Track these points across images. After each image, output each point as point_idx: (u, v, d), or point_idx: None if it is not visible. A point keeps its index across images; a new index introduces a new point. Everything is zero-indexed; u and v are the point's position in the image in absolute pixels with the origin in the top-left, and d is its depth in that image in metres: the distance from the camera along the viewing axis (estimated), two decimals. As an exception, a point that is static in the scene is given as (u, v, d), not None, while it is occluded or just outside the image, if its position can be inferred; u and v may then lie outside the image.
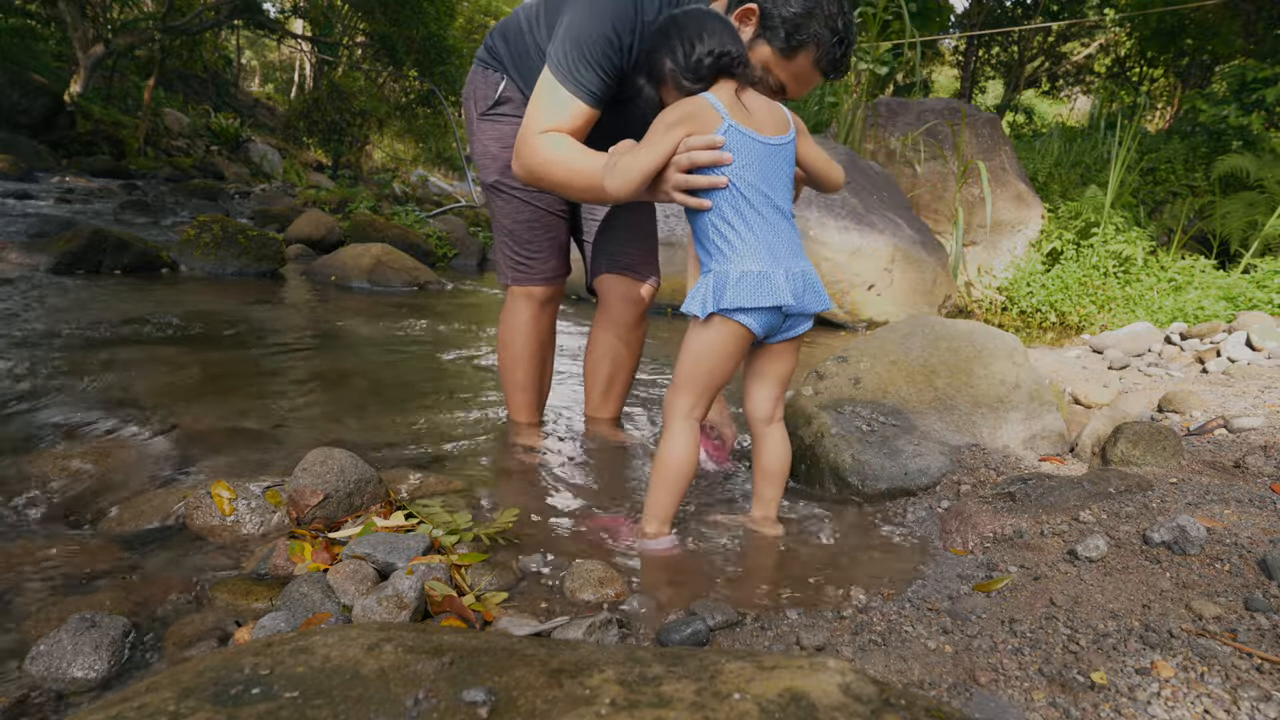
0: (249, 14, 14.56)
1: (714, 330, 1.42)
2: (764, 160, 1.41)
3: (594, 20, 1.61)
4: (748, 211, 1.40)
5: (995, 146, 6.65)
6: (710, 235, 1.42)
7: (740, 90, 1.44)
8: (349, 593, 1.23)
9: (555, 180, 1.61)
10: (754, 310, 1.39)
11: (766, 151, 1.42)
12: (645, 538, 1.51)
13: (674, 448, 1.48)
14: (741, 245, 1.39)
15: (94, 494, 1.64)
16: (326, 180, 15.29)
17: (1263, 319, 3.67)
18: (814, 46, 1.52)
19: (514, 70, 1.88)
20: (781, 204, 1.44)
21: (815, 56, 1.54)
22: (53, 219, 6.03)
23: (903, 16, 7.09)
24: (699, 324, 1.44)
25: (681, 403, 1.48)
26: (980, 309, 6.24)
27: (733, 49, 1.42)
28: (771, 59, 1.55)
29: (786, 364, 1.54)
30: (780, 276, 1.39)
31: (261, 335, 3.31)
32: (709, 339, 1.43)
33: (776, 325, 1.45)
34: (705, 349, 1.44)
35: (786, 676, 0.65)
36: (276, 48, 24.55)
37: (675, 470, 1.48)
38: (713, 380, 1.47)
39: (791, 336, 1.50)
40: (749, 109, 1.43)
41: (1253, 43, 10.18)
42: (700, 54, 1.40)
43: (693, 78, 1.41)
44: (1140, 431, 1.88)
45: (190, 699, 0.65)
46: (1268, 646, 1.04)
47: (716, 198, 1.40)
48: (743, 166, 1.39)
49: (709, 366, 1.45)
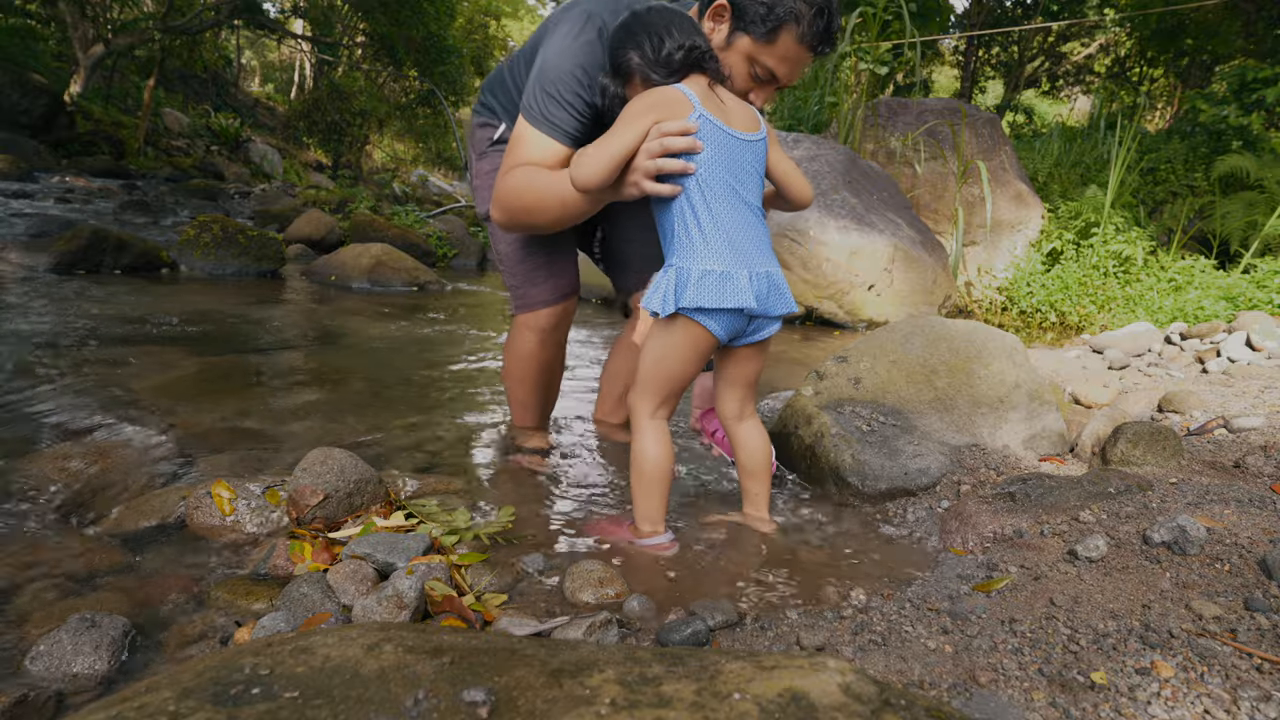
0: (249, 14, 14.55)
1: (676, 332, 1.39)
2: (735, 154, 1.40)
3: (561, 60, 1.61)
4: (716, 204, 1.36)
5: (995, 146, 6.65)
6: (675, 228, 1.38)
7: (712, 84, 1.43)
8: (349, 593, 1.23)
9: (526, 203, 1.59)
10: (715, 312, 1.36)
11: (738, 145, 1.40)
12: (642, 537, 1.51)
13: (645, 448, 1.46)
14: (706, 240, 1.35)
15: (94, 494, 1.64)
16: (326, 180, 15.30)
17: (1263, 319, 3.67)
18: (794, 23, 1.48)
19: (507, 118, 1.90)
20: (751, 200, 1.42)
21: (798, 33, 1.49)
22: (53, 219, 6.03)
23: (903, 16, 7.09)
24: (661, 323, 1.41)
25: (644, 405, 1.46)
26: (980, 309, 6.24)
27: (703, 43, 1.42)
28: (755, 48, 1.52)
29: (753, 367, 1.52)
30: (744, 277, 1.35)
31: (261, 335, 3.31)
32: (670, 340, 1.40)
33: (741, 328, 1.43)
34: (666, 350, 1.41)
35: (786, 676, 0.65)
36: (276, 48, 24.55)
37: (651, 471, 1.46)
38: (674, 383, 1.44)
39: (758, 340, 1.48)
40: (722, 101, 1.42)
41: (1253, 43, 10.18)
42: (671, 48, 1.38)
43: (665, 72, 1.39)
44: (1140, 431, 1.88)
45: (190, 699, 0.65)
46: (1268, 646, 1.04)
47: (685, 188, 1.36)
48: (713, 158, 1.36)
49: (669, 369, 1.42)
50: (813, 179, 5.17)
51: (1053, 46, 17.06)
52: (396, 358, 3.00)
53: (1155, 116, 15.93)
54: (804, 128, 7.33)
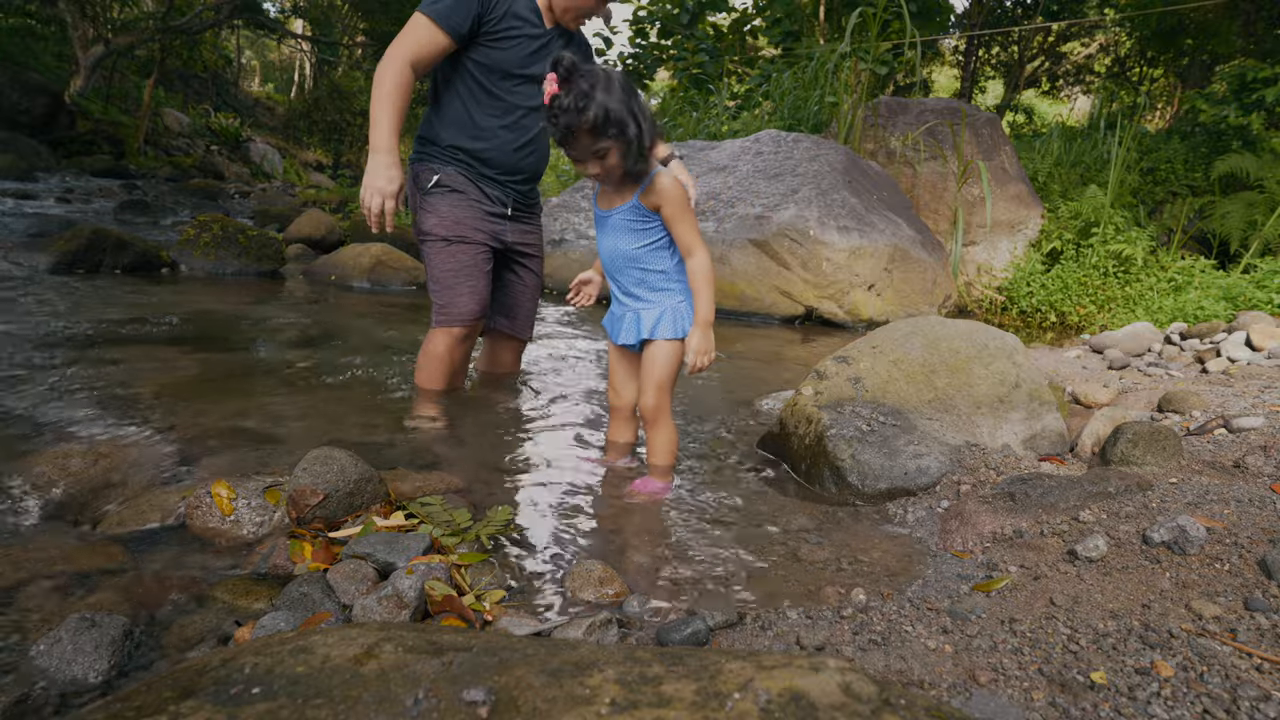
0: (249, 14, 14.57)
1: (678, 348, 1.82)
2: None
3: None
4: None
5: (995, 146, 6.65)
6: (674, 272, 1.80)
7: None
8: (349, 592, 1.23)
9: (374, 96, 2.19)
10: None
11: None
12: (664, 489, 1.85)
13: (673, 429, 1.91)
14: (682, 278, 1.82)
15: (94, 494, 1.64)
16: (326, 180, 15.30)
17: (1263, 319, 3.67)
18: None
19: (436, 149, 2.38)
20: None
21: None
22: (53, 218, 6.03)
23: (903, 16, 7.09)
24: (669, 342, 1.80)
25: (667, 401, 1.87)
26: (980, 309, 6.24)
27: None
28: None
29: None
30: None
31: (261, 335, 3.31)
32: (677, 354, 1.82)
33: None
34: (675, 362, 1.83)
35: (786, 676, 0.65)
36: (276, 48, 24.54)
37: (676, 439, 1.93)
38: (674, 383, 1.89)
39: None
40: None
41: (1253, 43, 10.18)
42: (650, 133, 1.66)
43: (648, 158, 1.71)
44: (1140, 431, 1.87)
45: (190, 699, 0.65)
46: (1268, 646, 1.04)
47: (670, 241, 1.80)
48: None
49: (674, 374, 1.84)
50: (813, 179, 5.17)
51: (1053, 46, 17.05)
52: (396, 358, 3.00)
53: (1155, 116, 15.94)
54: (804, 128, 7.33)
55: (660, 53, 11.71)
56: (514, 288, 2.63)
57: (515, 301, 2.65)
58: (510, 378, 2.77)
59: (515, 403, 2.55)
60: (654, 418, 1.86)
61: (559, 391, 2.72)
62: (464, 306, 2.37)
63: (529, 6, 2.29)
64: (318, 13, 17.38)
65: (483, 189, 2.38)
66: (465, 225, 2.36)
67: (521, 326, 2.70)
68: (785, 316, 4.97)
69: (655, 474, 1.88)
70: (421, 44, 2.18)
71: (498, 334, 2.70)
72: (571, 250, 5.39)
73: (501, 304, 2.63)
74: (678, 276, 1.81)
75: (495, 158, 2.36)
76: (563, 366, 3.15)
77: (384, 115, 2.16)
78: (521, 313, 2.68)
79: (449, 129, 2.34)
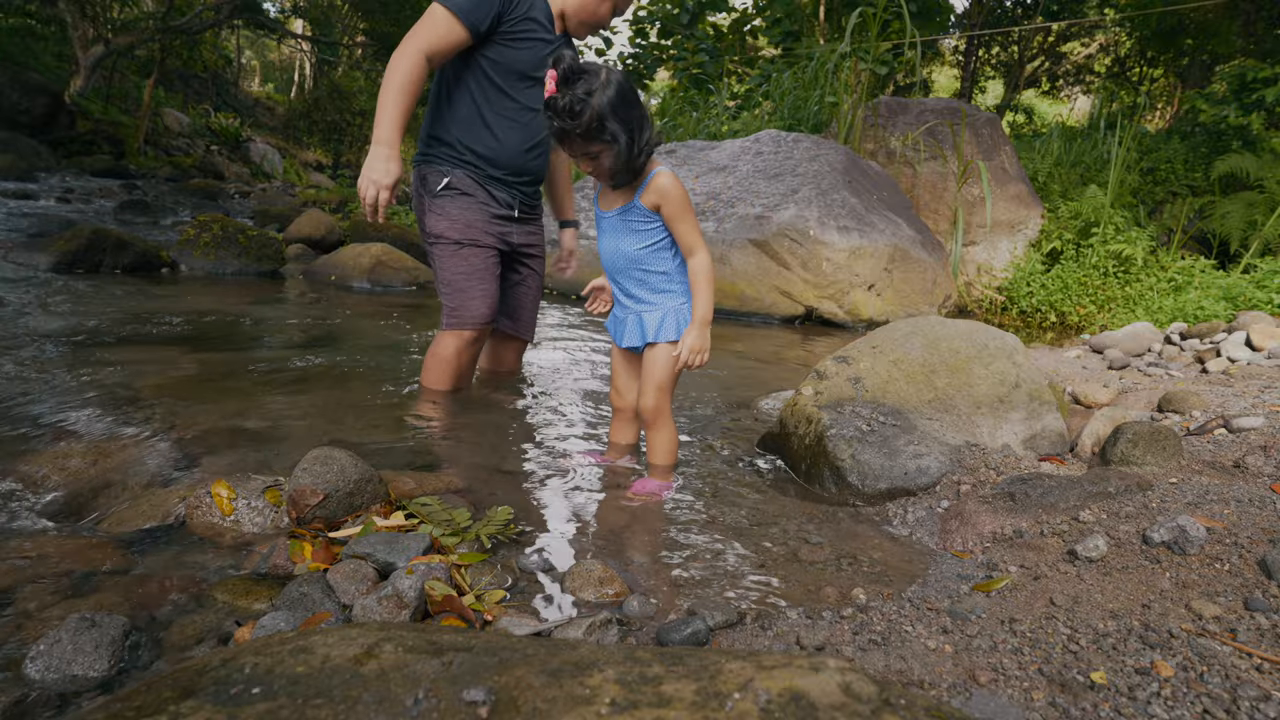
0: (249, 14, 14.57)
1: (673, 348, 1.84)
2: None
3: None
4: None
5: (995, 146, 6.65)
6: (676, 273, 1.81)
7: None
8: (349, 592, 1.23)
9: (385, 85, 2.16)
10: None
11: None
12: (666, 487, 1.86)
13: (674, 429, 1.93)
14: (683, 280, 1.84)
15: (94, 494, 1.64)
16: (326, 180, 15.31)
17: (1263, 319, 3.67)
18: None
19: (445, 150, 2.36)
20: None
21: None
22: (53, 218, 6.03)
23: (903, 16, 7.09)
24: (671, 344, 1.82)
25: (667, 402, 1.88)
26: (980, 309, 6.24)
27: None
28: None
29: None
30: None
31: (261, 335, 3.31)
32: (673, 354, 1.83)
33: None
34: (674, 362, 1.83)
35: (786, 676, 0.65)
36: (276, 48, 24.54)
37: (677, 439, 1.96)
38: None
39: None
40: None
41: (1253, 43, 10.18)
42: (644, 141, 1.67)
43: (640, 163, 1.70)
44: (1140, 431, 1.87)
45: (190, 699, 0.65)
46: (1268, 646, 1.04)
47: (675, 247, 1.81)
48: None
49: (673, 375, 1.86)
50: (813, 179, 5.18)
51: (1053, 46, 17.06)
52: (396, 357, 3.00)
53: (1155, 116, 15.94)
54: (804, 127, 7.33)
55: (660, 53, 11.72)
56: (518, 289, 2.64)
57: (519, 302, 2.66)
58: (511, 378, 2.77)
59: (516, 403, 2.55)
60: (654, 418, 1.87)
61: (559, 392, 2.72)
62: (475, 310, 2.38)
63: (544, 12, 2.30)
64: (318, 13, 17.38)
65: (491, 192, 2.39)
66: (476, 228, 2.36)
67: (524, 327, 2.71)
68: (785, 316, 4.97)
69: (655, 474, 1.88)
70: (440, 36, 2.17)
71: (500, 334, 2.71)
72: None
73: (505, 305, 2.64)
74: (679, 278, 1.81)
75: (504, 158, 2.36)
76: (563, 367, 3.15)
77: (392, 107, 2.15)
78: (525, 313, 2.69)
79: (458, 126, 2.34)
